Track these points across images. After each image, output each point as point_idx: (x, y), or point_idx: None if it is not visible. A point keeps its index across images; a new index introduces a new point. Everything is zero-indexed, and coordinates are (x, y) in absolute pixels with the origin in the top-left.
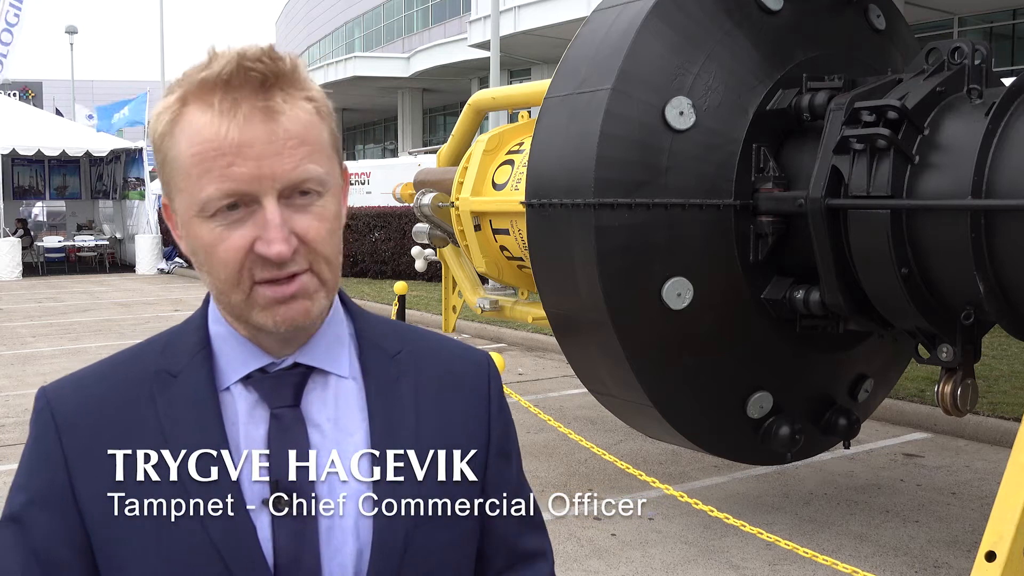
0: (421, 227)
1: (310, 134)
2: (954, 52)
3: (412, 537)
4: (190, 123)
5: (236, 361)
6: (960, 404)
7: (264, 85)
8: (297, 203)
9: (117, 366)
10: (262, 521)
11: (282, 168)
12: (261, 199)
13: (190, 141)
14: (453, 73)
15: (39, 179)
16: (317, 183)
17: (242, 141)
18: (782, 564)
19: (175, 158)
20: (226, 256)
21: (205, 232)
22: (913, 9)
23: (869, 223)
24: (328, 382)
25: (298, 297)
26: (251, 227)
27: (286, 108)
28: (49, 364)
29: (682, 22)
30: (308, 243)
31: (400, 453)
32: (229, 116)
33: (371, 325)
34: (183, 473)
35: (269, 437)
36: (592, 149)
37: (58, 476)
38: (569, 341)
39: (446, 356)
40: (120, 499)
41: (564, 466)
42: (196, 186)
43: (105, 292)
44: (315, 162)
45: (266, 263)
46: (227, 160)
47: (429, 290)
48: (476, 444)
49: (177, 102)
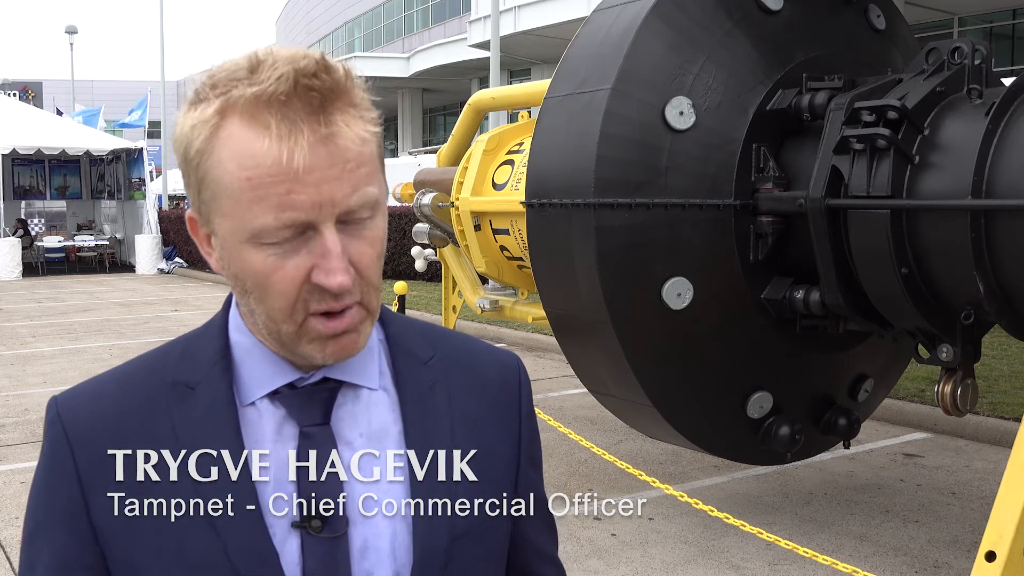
0: (421, 227)
1: (364, 153)
2: (954, 52)
3: (452, 552)
4: (239, 143)
5: (263, 375)
6: (960, 404)
7: (323, 105)
8: (351, 227)
9: (132, 375)
10: (291, 545)
11: (342, 193)
12: (319, 226)
13: (241, 164)
14: (453, 73)
15: (39, 179)
16: (373, 206)
17: (303, 168)
18: (782, 564)
19: (218, 179)
20: (282, 286)
21: (257, 260)
22: (913, 9)
23: (869, 223)
24: (359, 396)
25: (348, 332)
26: (307, 255)
27: (347, 131)
28: (49, 364)
29: (682, 22)
30: (361, 272)
31: (434, 466)
32: (289, 142)
33: (402, 330)
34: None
35: (298, 456)
36: (592, 149)
37: (72, 492)
38: (569, 341)
39: (477, 360)
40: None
41: (564, 466)
42: (249, 213)
43: (105, 292)
44: (371, 183)
45: (323, 294)
46: (286, 187)
47: (429, 290)
48: (509, 451)
49: (216, 115)
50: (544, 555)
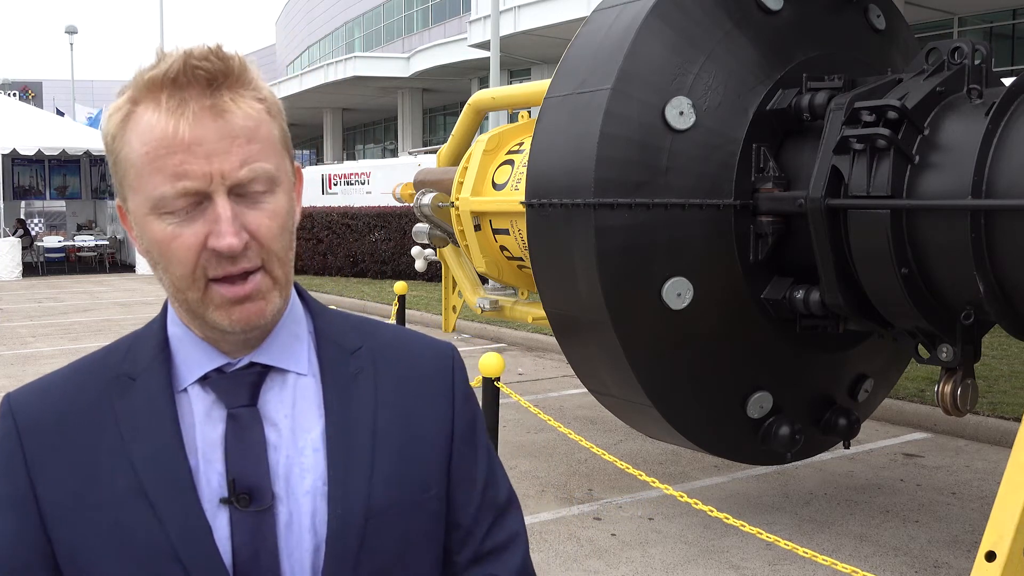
0: (421, 227)
1: (259, 131)
2: (954, 52)
3: (367, 531)
4: (140, 122)
5: (193, 362)
6: (960, 404)
7: (211, 84)
8: (248, 200)
9: (81, 370)
10: (220, 520)
11: (231, 165)
12: (212, 195)
13: (141, 140)
14: (453, 73)
15: (39, 179)
16: (266, 180)
17: (192, 139)
18: (782, 564)
19: (126, 157)
20: (180, 253)
21: (158, 230)
22: (913, 9)
23: (869, 223)
24: (286, 380)
25: (253, 298)
26: (203, 223)
27: (234, 107)
28: (49, 364)
29: (682, 22)
30: (259, 239)
31: (353, 447)
32: (178, 114)
33: (330, 322)
34: (140, 475)
35: (226, 437)
36: (592, 149)
37: (20, 481)
38: (569, 341)
39: (408, 349)
40: (79, 502)
41: (564, 466)
42: (149, 184)
43: (105, 292)
44: (265, 159)
45: (220, 259)
46: (179, 159)
47: (429, 290)
48: (440, 434)
49: (127, 102)
50: (486, 544)
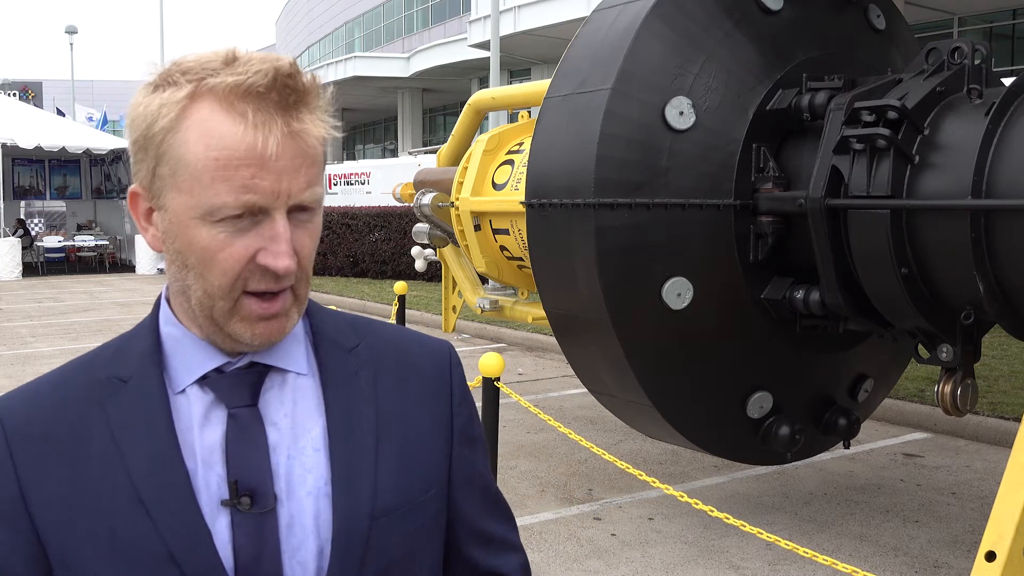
0: (421, 227)
1: (321, 154)
2: (954, 52)
3: (373, 530)
4: (211, 125)
5: (191, 362)
6: (960, 404)
7: (296, 103)
8: (297, 219)
9: (68, 374)
10: (221, 523)
11: (298, 186)
12: (272, 212)
13: (207, 144)
14: (453, 73)
15: (39, 179)
16: (318, 202)
17: (269, 156)
18: (782, 564)
19: (181, 156)
20: (226, 263)
21: (206, 236)
22: (913, 9)
23: (869, 223)
24: (286, 380)
25: (278, 316)
26: (255, 236)
27: (311, 128)
28: (49, 364)
29: (682, 22)
30: (300, 260)
31: (355, 447)
32: (264, 131)
33: (326, 321)
34: (135, 481)
35: (227, 437)
36: (592, 149)
37: (9, 488)
38: (569, 341)
39: (405, 348)
40: (72, 510)
41: (564, 466)
42: (209, 191)
43: (105, 292)
44: (320, 183)
45: (265, 274)
46: (251, 172)
47: (429, 290)
48: (439, 433)
49: (187, 98)
50: (480, 531)
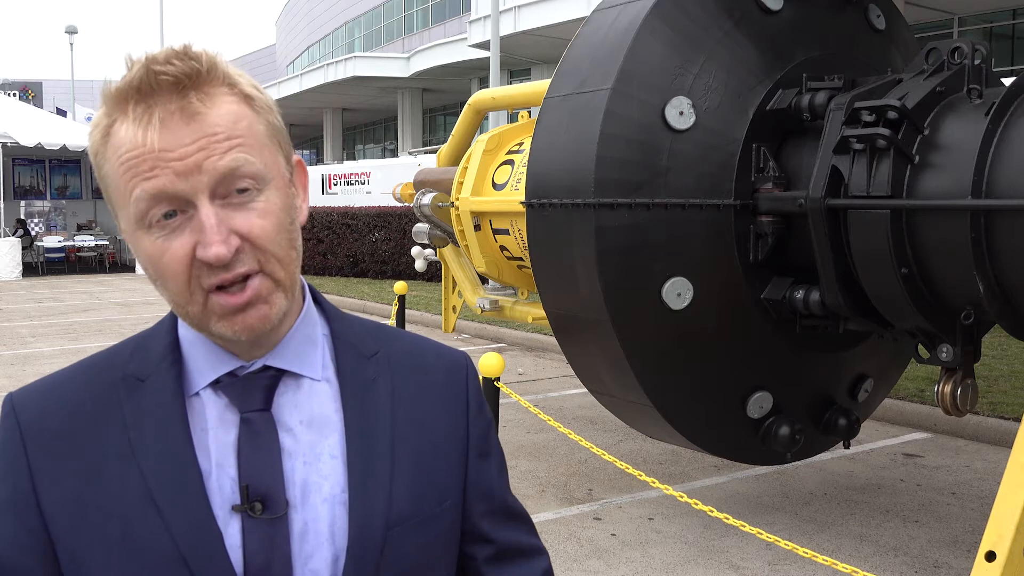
0: (421, 227)
1: (237, 127)
2: (954, 52)
3: (388, 539)
4: (115, 136)
5: (205, 365)
6: (960, 404)
7: (178, 87)
8: (235, 201)
9: (86, 371)
10: (232, 528)
11: (209, 160)
12: (195, 201)
13: (116, 154)
14: (453, 73)
15: (39, 179)
16: (252, 177)
17: (162, 146)
18: (782, 564)
19: (107, 174)
20: (171, 266)
21: (147, 244)
22: (913, 9)
23: (869, 223)
24: (301, 385)
25: (254, 303)
26: (190, 233)
27: (203, 107)
28: (49, 364)
29: (682, 22)
30: (252, 241)
31: (372, 455)
32: (144, 122)
33: (347, 326)
34: (149, 481)
35: (239, 442)
36: (592, 149)
37: (22, 482)
38: (569, 341)
39: (423, 357)
40: (85, 507)
41: (564, 466)
42: (128, 197)
43: (105, 292)
44: (247, 151)
45: (212, 268)
46: (148, 165)
47: (429, 290)
48: (455, 444)
49: (104, 116)
50: (506, 547)
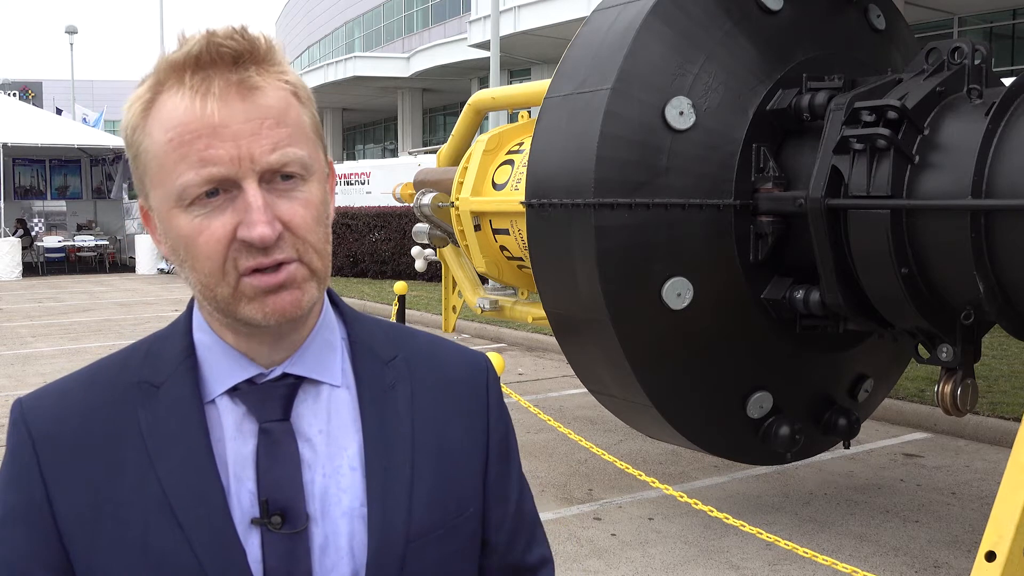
0: (421, 227)
1: (289, 115)
2: (954, 52)
3: (408, 553)
4: (163, 109)
5: (222, 372)
6: (960, 404)
7: (237, 62)
8: (280, 188)
9: (97, 375)
10: (252, 541)
11: (260, 149)
12: (241, 183)
13: (163, 127)
14: (453, 73)
15: (39, 179)
16: (300, 166)
17: (219, 120)
18: (782, 564)
19: (147, 149)
20: (208, 247)
21: (184, 223)
22: (913, 9)
23: (869, 223)
24: (320, 392)
25: (288, 286)
26: (232, 213)
27: (262, 83)
28: (49, 364)
29: (682, 22)
30: (294, 230)
31: (391, 467)
32: (202, 92)
33: (365, 329)
34: (168, 492)
35: (258, 454)
36: (592, 149)
37: (35, 492)
38: (569, 341)
39: (443, 360)
40: (100, 518)
41: (564, 466)
42: (173, 174)
43: (105, 292)
44: (296, 144)
45: (250, 250)
46: (204, 143)
47: (429, 290)
48: (476, 450)
49: (148, 91)
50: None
